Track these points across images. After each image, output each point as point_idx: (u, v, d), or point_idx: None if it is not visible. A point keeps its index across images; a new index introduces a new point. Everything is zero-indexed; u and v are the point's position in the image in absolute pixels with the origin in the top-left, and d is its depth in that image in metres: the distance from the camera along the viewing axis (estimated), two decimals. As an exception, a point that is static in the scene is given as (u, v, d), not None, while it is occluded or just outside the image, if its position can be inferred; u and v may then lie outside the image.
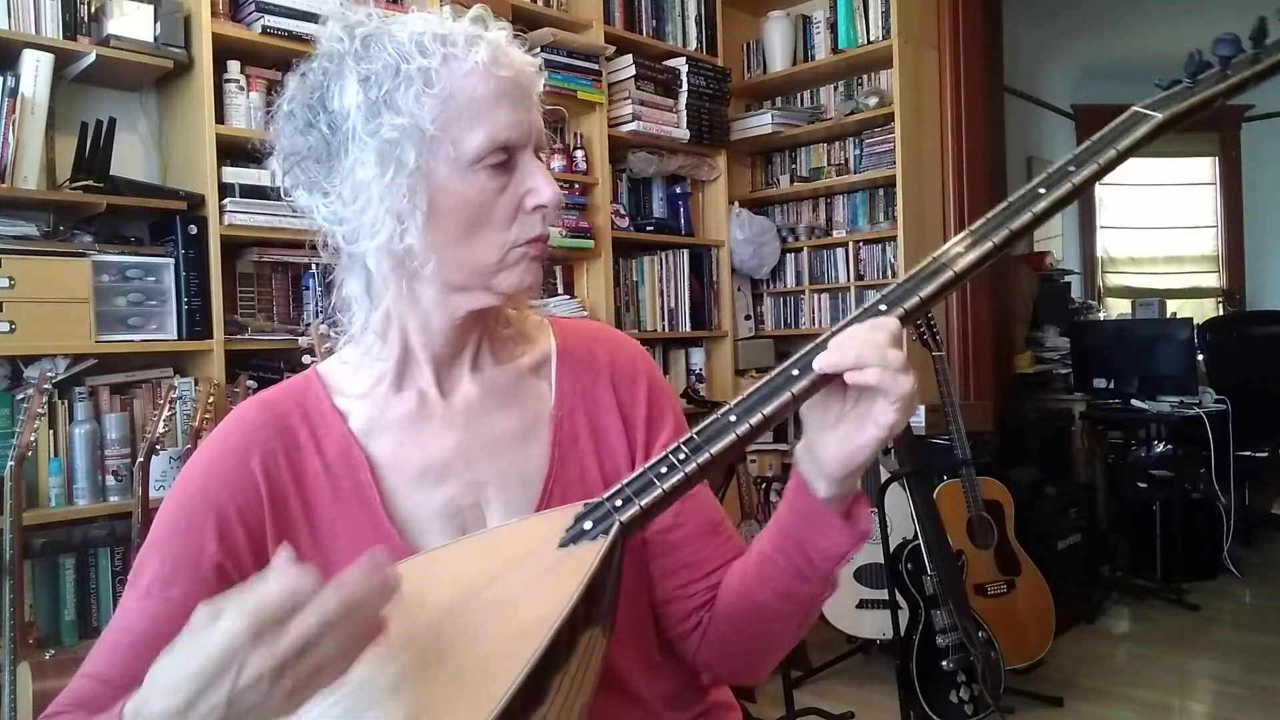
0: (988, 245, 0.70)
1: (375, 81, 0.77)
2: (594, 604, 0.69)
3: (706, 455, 0.70)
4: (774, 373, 0.72)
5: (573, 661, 0.67)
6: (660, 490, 0.70)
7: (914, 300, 0.70)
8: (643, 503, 0.70)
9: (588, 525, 0.71)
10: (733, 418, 0.70)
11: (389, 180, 0.77)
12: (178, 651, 0.59)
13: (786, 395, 0.70)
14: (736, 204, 3.88)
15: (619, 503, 0.71)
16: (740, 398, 0.72)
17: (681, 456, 0.71)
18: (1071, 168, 0.71)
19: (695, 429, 0.72)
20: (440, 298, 0.83)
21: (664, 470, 0.71)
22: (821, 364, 0.69)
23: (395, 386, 0.87)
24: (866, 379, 0.68)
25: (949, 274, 0.70)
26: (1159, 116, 0.70)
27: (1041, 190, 0.70)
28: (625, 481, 0.72)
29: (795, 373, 0.71)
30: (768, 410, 0.70)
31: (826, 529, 0.78)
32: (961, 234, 0.72)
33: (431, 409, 0.87)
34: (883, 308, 0.71)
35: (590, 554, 0.69)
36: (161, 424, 2.10)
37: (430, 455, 0.85)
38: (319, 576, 0.60)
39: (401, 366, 0.86)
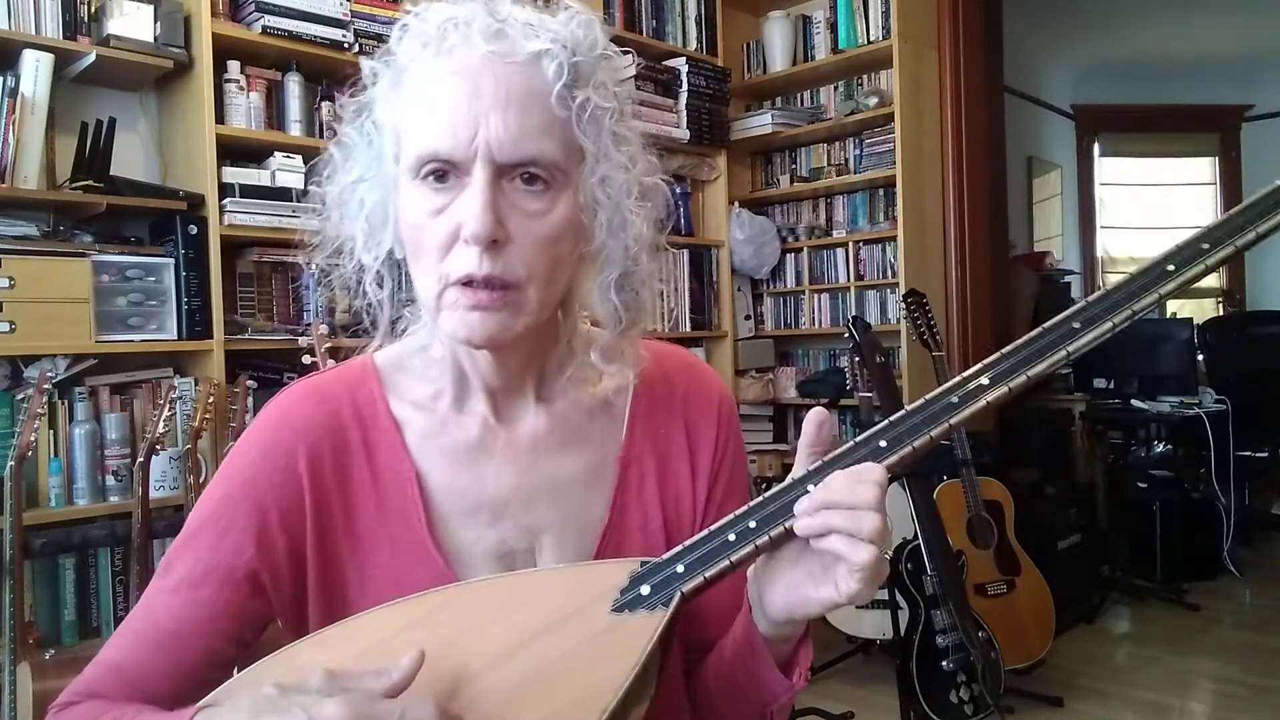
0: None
1: (368, 79, 0.74)
2: (647, 680, 0.64)
3: (780, 528, 0.64)
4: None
5: None
6: (727, 562, 0.64)
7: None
8: (708, 574, 0.64)
9: (645, 590, 0.65)
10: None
11: (372, 197, 0.74)
12: (277, 702, 0.59)
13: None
14: (736, 204, 3.87)
15: (680, 568, 0.65)
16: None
17: (753, 525, 0.64)
18: (1205, 244, 0.62)
19: (764, 496, 0.65)
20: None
21: (731, 538, 0.64)
22: (797, 526, 0.63)
23: (456, 407, 0.79)
24: (828, 545, 0.62)
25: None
26: None
27: (1170, 267, 0.62)
28: (689, 544, 0.66)
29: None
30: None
31: (762, 665, 0.72)
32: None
33: (493, 441, 0.79)
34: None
35: (648, 627, 0.64)
36: (161, 424, 2.10)
37: (487, 493, 0.78)
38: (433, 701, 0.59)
39: (459, 388, 0.79)
